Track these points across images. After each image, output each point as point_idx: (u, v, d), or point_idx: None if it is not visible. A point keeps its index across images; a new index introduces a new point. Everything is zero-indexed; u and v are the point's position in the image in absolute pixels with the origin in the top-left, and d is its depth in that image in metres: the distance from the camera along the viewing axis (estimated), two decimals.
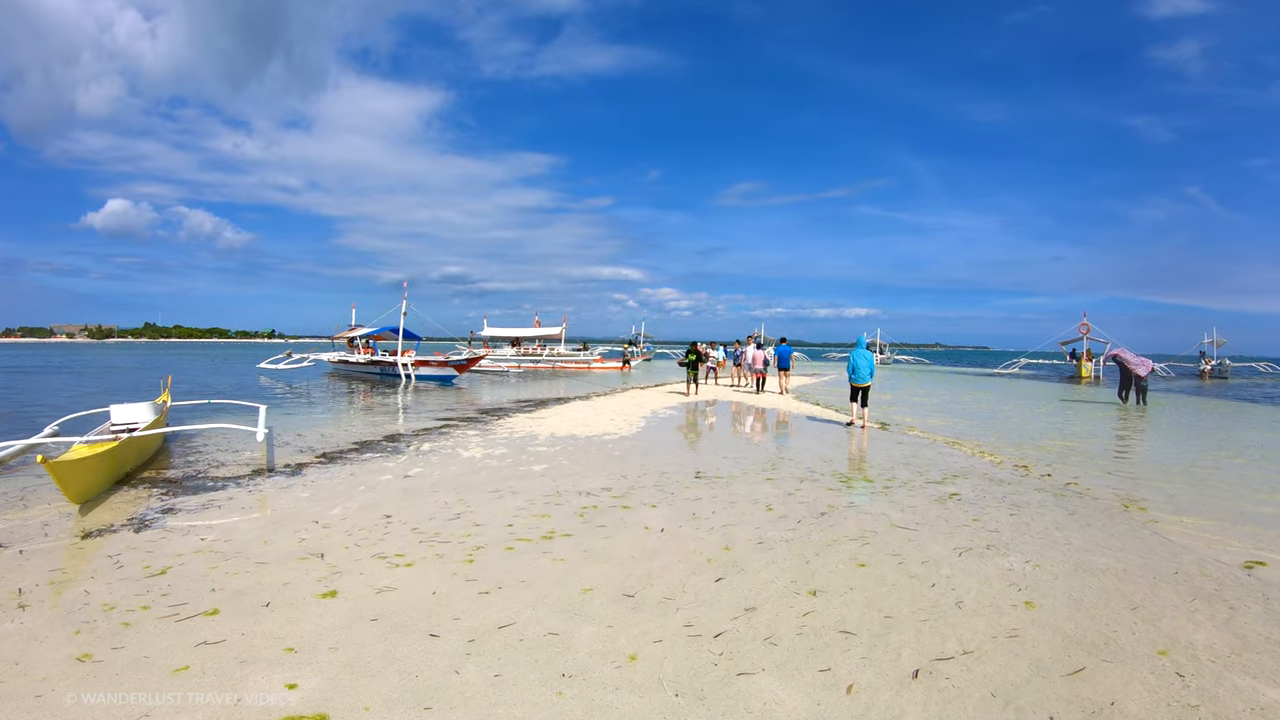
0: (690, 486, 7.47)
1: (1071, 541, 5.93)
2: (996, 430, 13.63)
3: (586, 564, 5.00)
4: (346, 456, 9.81)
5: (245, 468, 9.09)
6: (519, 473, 8.33)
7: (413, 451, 10.10)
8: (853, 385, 13.39)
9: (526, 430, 12.06)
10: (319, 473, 8.63)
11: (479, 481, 7.86)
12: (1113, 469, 9.42)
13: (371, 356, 32.28)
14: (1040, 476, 8.72)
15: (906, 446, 10.66)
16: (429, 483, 7.83)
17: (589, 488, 7.45)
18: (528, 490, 7.36)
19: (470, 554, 5.24)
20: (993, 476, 8.60)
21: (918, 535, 5.87)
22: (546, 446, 10.24)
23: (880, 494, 7.38)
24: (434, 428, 12.75)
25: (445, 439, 11.22)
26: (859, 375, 13.23)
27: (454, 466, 8.83)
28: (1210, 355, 45.71)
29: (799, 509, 6.59)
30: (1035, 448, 11.24)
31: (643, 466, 8.64)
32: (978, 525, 6.26)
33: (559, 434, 11.56)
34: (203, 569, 4.95)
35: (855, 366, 13.30)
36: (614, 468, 8.58)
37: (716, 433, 12.48)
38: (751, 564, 5.01)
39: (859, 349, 13.62)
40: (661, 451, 9.95)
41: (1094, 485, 8.26)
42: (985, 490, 7.76)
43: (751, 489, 7.42)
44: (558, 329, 40.48)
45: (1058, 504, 7.25)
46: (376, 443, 11.02)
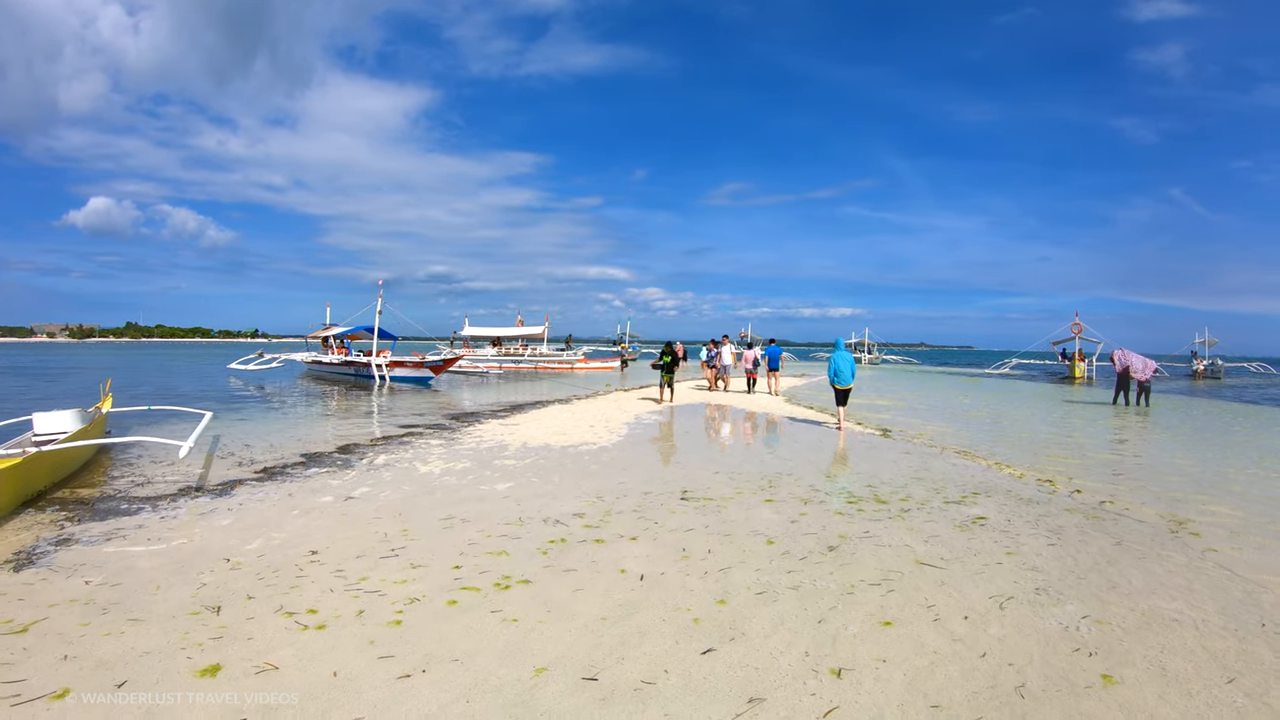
0: (676, 511, 6.41)
1: (1131, 581, 4.96)
2: (1004, 437, 12.71)
3: (545, 626, 3.93)
4: (289, 472, 8.69)
5: (172, 485, 7.98)
6: (479, 493, 7.24)
7: (364, 466, 8.98)
8: (836, 389, 13.03)
9: (496, 439, 10.95)
10: (251, 493, 7.52)
11: (431, 505, 6.77)
12: (1142, 482, 8.49)
13: (345, 357, 30.97)
14: (1070, 494, 7.76)
15: (915, 458, 9.67)
16: (373, 507, 6.72)
17: (559, 513, 6.38)
18: (486, 517, 6.28)
19: (399, 610, 4.16)
20: (1017, 494, 7.63)
21: (949, 576, 4.86)
22: (515, 459, 9.14)
23: (897, 518, 6.37)
24: (396, 436, 11.62)
25: (404, 450, 10.10)
26: (841, 378, 12.93)
27: (406, 485, 7.72)
28: (1202, 355, 45.37)
29: (805, 541, 5.56)
30: (1051, 457, 10.31)
31: (622, 484, 7.57)
32: (1016, 561, 5.26)
33: (531, 444, 10.46)
34: (72, 626, 3.95)
35: (838, 370, 12.99)
36: (589, 486, 7.50)
37: (705, 442, 11.43)
38: (753, 625, 3.96)
39: (839, 351, 13.25)
40: (644, 465, 8.89)
41: (1130, 503, 7.33)
42: (1013, 512, 6.79)
43: (748, 514, 6.37)
44: (540, 328, 39.27)
45: (1098, 529, 6.30)
46: (327, 455, 9.89)
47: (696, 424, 13.76)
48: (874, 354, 64.76)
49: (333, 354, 32.07)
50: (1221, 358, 48.28)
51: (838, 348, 13.44)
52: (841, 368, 12.99)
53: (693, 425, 13.54)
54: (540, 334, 39.32)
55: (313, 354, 34.26)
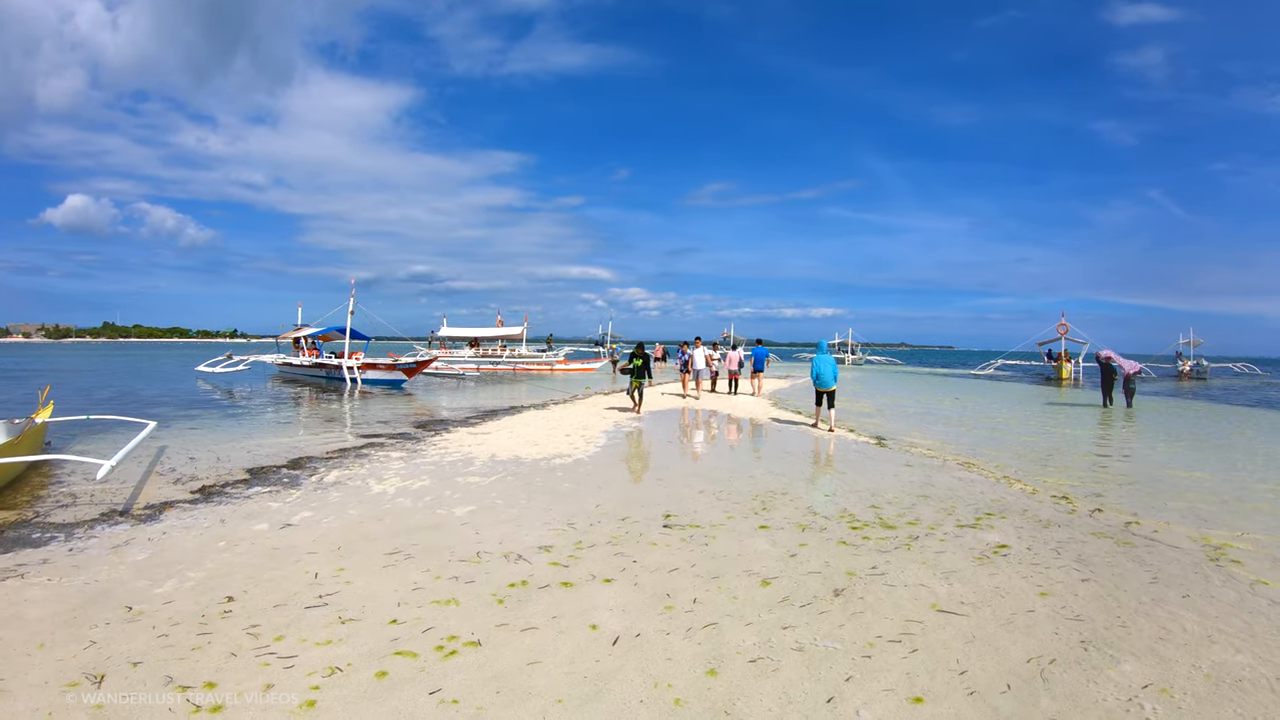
0: (658, 543, 5.61)
1: (1185, 628, 4.27)
2: (1005, 444, 12.06)
3: (492, 712, 3.13)
4: (228, 492, 7.80)
5: (96, 509, 7.13)
6: (434, 520, 6.39)
7: (312, 484, 8.10)
8: (818, 390, 13.24)
9: (463, 451, 10.09)
10: (179, 518, 6.64)
11: (377, 535, 5.92)
12: (1162, 498, 7.86)
13: (316, 358, 29.85)
14: (1090, 513, 7.09)
15: (917, 471, 8.95)
16: (310, 538, 5.86)
17: (523, 546, 5.55)
18: (439, 550, 5.44)
19: (315, 687, 3.33)
20: (1034, 514, 6.93)
21: (979, 627, 4.12)
22: (481, 476, 8.29)
23: (907, 548, 5.62)
24: (355, 448, 10.71)
25: (360, 464, 9.21)
26: (823, 381, 13.09)
27: (354, 509, 6.86)
28: (1187, 356, 45.43)
29: (808, 582, 4.78)
30: (1059, 469, 9.67)
31: (598, 507, 6.75)
32: (1052, 605, 4.53)
33: (501, 456, 9.61)
34: None
35: (819, 372, 13.15)
36: (560, 510, 6.68)
37: (690, 454, 10.62)
38: (750, 706, 3.18)
39: (822, 353, 13.41)
40: (623, 482, 8.08)
41: (1156, 523, 6.69)
42: (1034, 537, 6.08)
43: (740, 544, 5.59)
44: (519, 329, 38.21)
45: (1130, 558, 5.61)
46: (275, 471, 8.99)
47: (679, 433, 12.98)
48: (857, 355, 64.45)
49: (303, 355, 30.92)
50: (1205, 358, 48.43)
51: (820, 350, 13.53)
52: (824, 370, 13.10)
53: (675, 434, 12.76)
54: (519, 334, 38.28)
55: (281, 355, 33.06)
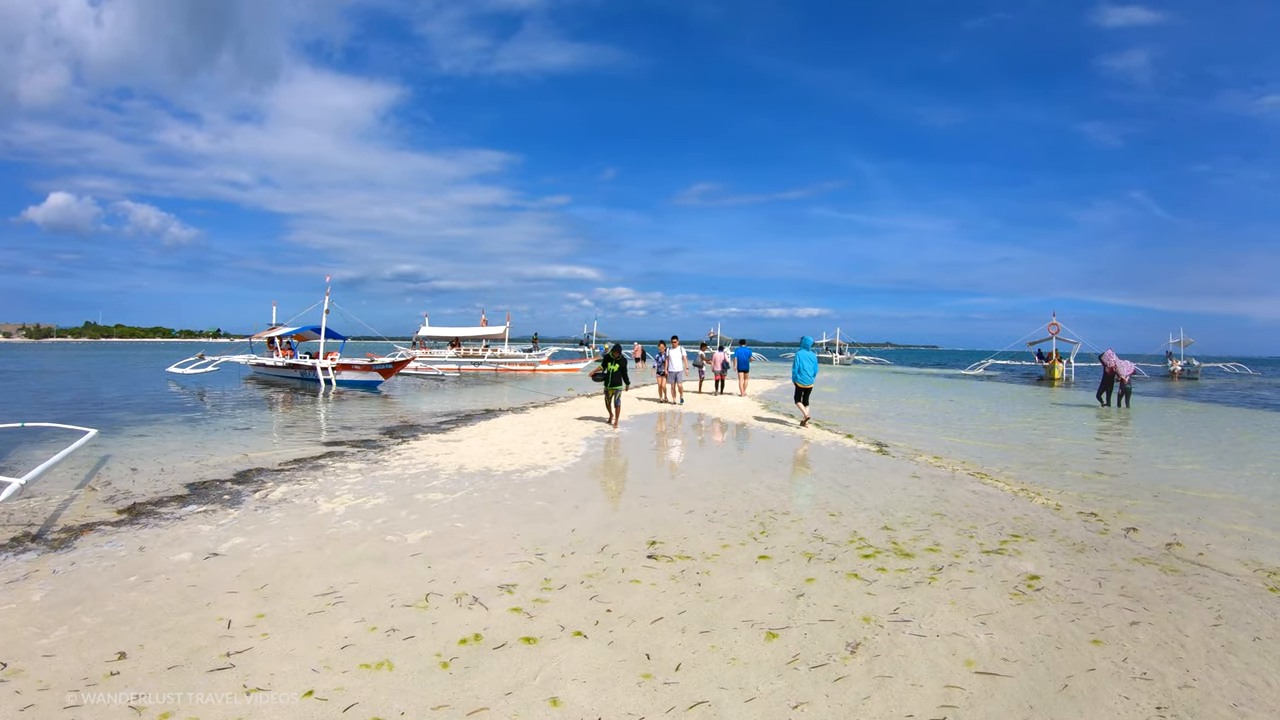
0: (641, 580, 4.75)
1: (1269, 683, 3.56)
2: (1013, 450, 11.34)
3: None
4: (159, 512, 6.90)
5: (7, 531, 6.24)
6: (382, 549, 5.52)
7: (255, 502, 7.20)
8: (798, 386, 13.41)
9: (429, 462, 9.19)
10: (96, 545, 5.76)
11: (313, 568, 5.04)
12: (1196, 512, 7.17)
13: (290, 359, 28.73)
14: (1124, 532, 6.35)
15: (926, 483, 8.17)
16: (235, 572, 4.98)
17: (481, 584, 4.69)
18: (380, 591, 4.57)
19: None
20: (1064, 535, 6.17)
21: (1035, 695, 3.33)
22: (444, 492, 7.39)
23: (930, 581, 4.82)
24: (312, 458, 9.79)
25: (313, 478, 8.30)
26: (804, 377, 13.27)
27: (293, 535, 5.97)
28: (1178, 356, 45.17)
29: (820, 634, 3.96)
30: (1076, 478, 8.95)
31: (573, 532, 5.89)
32: (1111, 656, 3.76)
33: (469, 468, 8.72)
34: None
35: (801, 368, 13.31)
36: (530, 534, 5.82)
37: (678, 464, 9.75)
38: None
39: (804, 350, 13.54)
40: (602, 500, 7.23)
41: (1199, 545, 5.99)
42: (1070, 565, 5.32)
43: (737, 582, 4.75)
44: (500, 328, 37.15)
45: (1184, 590, 4.87)
46: (217, 486, 8.08)
47: (665, 442, 12.14)
48: (845, 355, 63.93)
49: (277, 356, 29.78)
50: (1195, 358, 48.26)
51: (804, 346, 13.70)
52: (805, 366, 13.29)
53: (661, 443, 11.91)
54: (501, 334, 37.25)
55: (254, 356, 31.89)
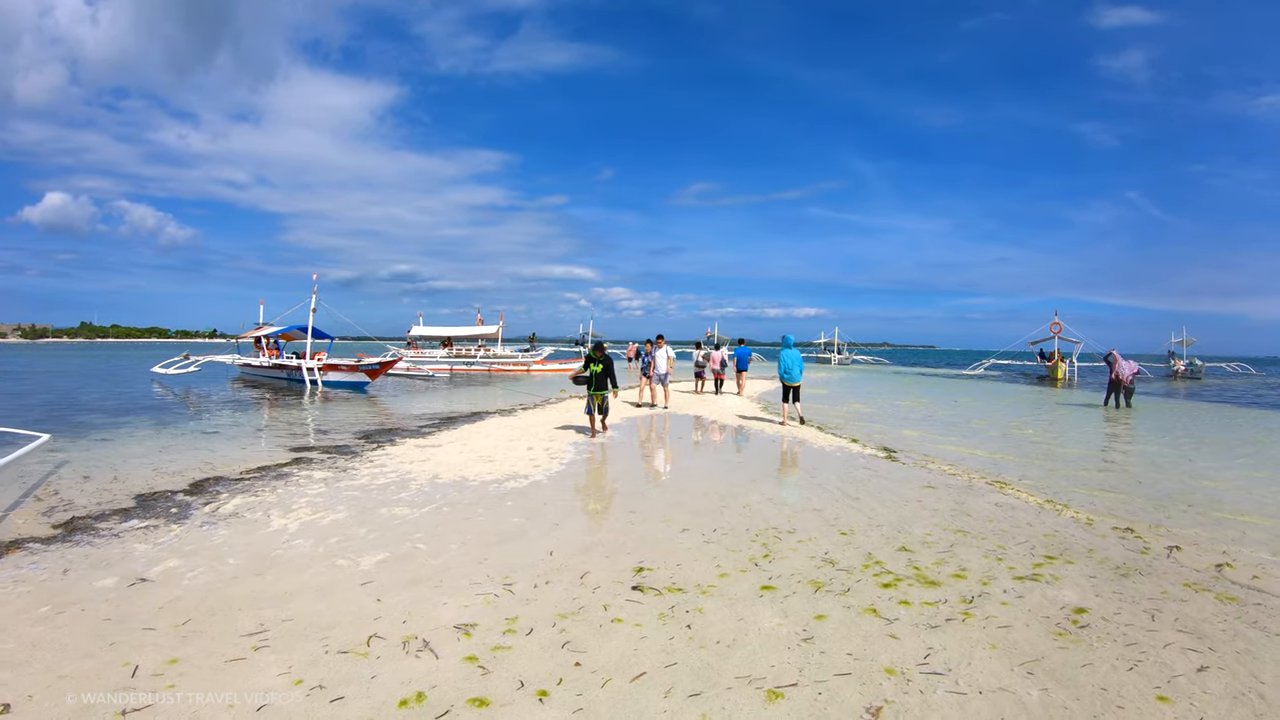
0: (623, 619, 4.03)
1: None
2: (1028, 456, 10.66)
3: None
4: (97, 527, 6.21)
5: None
6: (330, 576, 4.80)
7: (203, 517, 6.49)
8: (784, 385, 13.44)
9: (401, 470, 8.46)
10: (17, 566, 5.17)
11: (245, 601, 4.33)
12: (1239, 526, 6.50)
13: (275, 359, 27.98)
14: (1166, 551, 5.67)
15: (942, 494, 7.47)
16: (159, 603, 4.27)
17: (435, 625, 3.97)
18: (316, 633, 3.86)
19: None
20: (1102, 555, 5.49)
21: None
22: (411, 506, 6.66)
23: (962, 618, 4.12)
24: (277, 465, 9.06)
25: (273, 489, 7.58)
26: (791, 375, 13.30)
27: (235, 556, 5.26)
28: (1180, 355, 44.60)
29: (834, 692, 3.25)
30: (1101, 487, 8.29)
31: (550, 555, 5.16)
32: (1181, 717, 3.06)
33: (444, 477, 7.99)
34: None
35: (787, 368, 13.31)
36: (501, 558, 5.09)
37: (671, 473, 9.02)
38: None
39: (788, 349, 13.47)
40: (587, 515, 6.50)
41: (1252, 566, 5.33)
42: (1116, 593, 4.63)
43: (736, 619, 4.04)
44: (494, 328, 36.35)
45: (1245, 621, 4.24)
46: (168, 496, 7.37)
47: (658, 447, 11.42)
48: (843, 354, 63.28)
49: (263, 356, 29.02)
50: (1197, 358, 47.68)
51: (786, 345, 13.67)
52: (790, 365, 13.27)
53: (653, 449, 11.18)
54: (494, 333, 36.45)
55: (238, 356, 31.12)
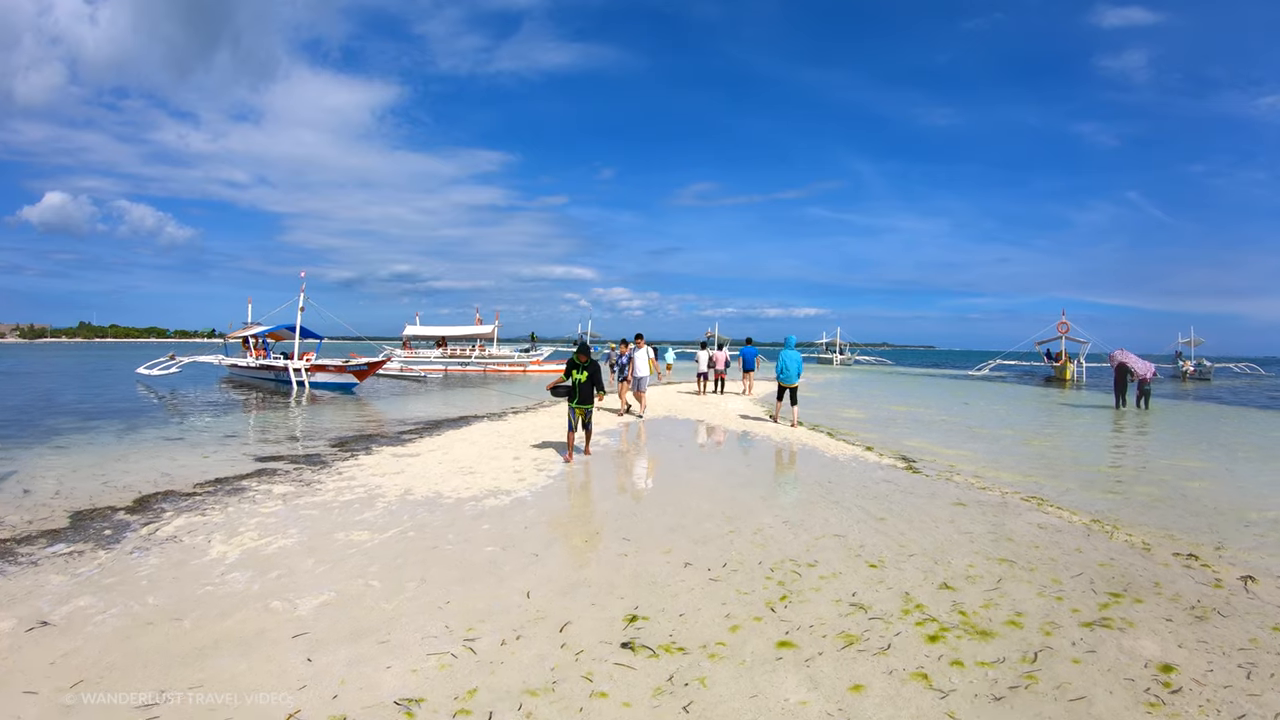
0: (609, 694, 3.14)
1: None
2: (1053, 465, 9.86)
3: None
4: (17, 552, 5.50)
5: None
6: (260, 622, 3.97)
7: (137, 541, 5.68)
8: (780, 385, 13.35)
9: (370, 484, 7.62)
10: None
11: (151, 655, 3.50)
12: None
13: (263, 359, 27.13)
14: (1241, 582, 4.88)
15: (975, 513, 6.64)
16: (52, 654, 3.46)
17: (369, 700, 3.12)
18: (221, 711, 3.03)
19: None
20: (1171, 590, 4.68)
21: None
22: (372, 530, 5.81)
23: (1028, 684, 3.30)
24: (235, 477, 8.23)
25: (223, 506, 6.75)
26: (787, 376, 13.18)
27: (156, 594, 4.43)
28: (1188, 356, 43.80)
29: None
30: (1146, 500, 7.50)
31: (526, 600, 4.30)
32: None
33: (416, 493, 7.15)
34: None
35: (784, 367, 13.23)
36: (465, 604, 4.24)
37: (669, 489, 8.08)
38: None
39: (788, 349, 13.47)
40: (572, 544, 5.63)
41: None
42: (1200, 643, 3.84)
43: (752, 693, 3.17)
44: (489, 328, 35.44)
45: None
46: (106, 515, 6.57)
47: (655, 456, 10.56)
48: (846, 355, 62.45)
49: (250, 356, 28.17)
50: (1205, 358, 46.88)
51: (788, 346, 13.63)
52: (789, 365, 13.18)
53: (650, 459, 10.32)
54: (490, 333, 35.56)
55: (221, 355, 30.27)
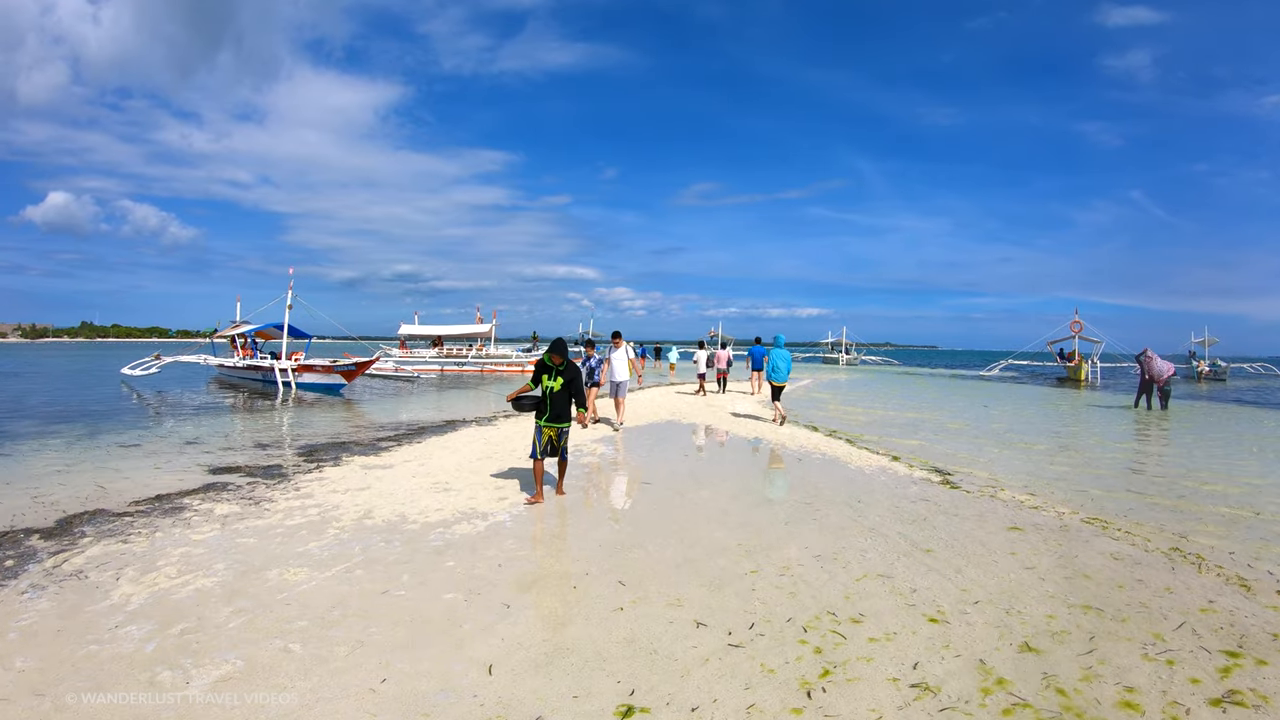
0: None
1: None
2: (1101, 474, 8.85)
3: None
4: None
5: None
6: (135, 703, 2.98)
7: (37, 574, 4.74)
8: (772, 385, 13.39)
9: (327, 504, 6.58)
10: None
11: None
12: None
13: (249, 359, 26.15)
14: None
15: (1034, 539, 5.61)
16: None
17: None
18: None
19: None
20: None
21: None
22: (313, 568, 4.78)
23: None
24: (178, 493, 7.22)
25: (149, 531, 5.74)
26: (778, 374, 13.16)
27: (28, 652, 3.47)
28: (1202, 356, 42.69)
29: None
30: (1221, 525, 6.44)
31: (486, 679, 3.24)
32: None
33: (378, 515, 6.12)
34: None
35: (775, 366, 13.17)
36: (402, 685, 3.18)
37: (674, 510, 6.58)
38: None
39: (777, 348, 13.42)
40: (553, 593, 4.52)
41: None
42: None
43: None
44: (486, 326, 34.38)
45: None
46: (18, 539, 5.68)
47: (656, 468, 9.54)
48: (852, 355, 61.33)
49: (237, 355, 27.19)
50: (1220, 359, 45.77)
51: (777, 344, 13.53)
52: (779, 364, 13.10)
53: (651, 472, 9.25)
54: (487, 332, 34.49)
55: (202, 355, 29.26)
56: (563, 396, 6.71)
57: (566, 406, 6.77)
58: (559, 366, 6.71)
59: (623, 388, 12.71)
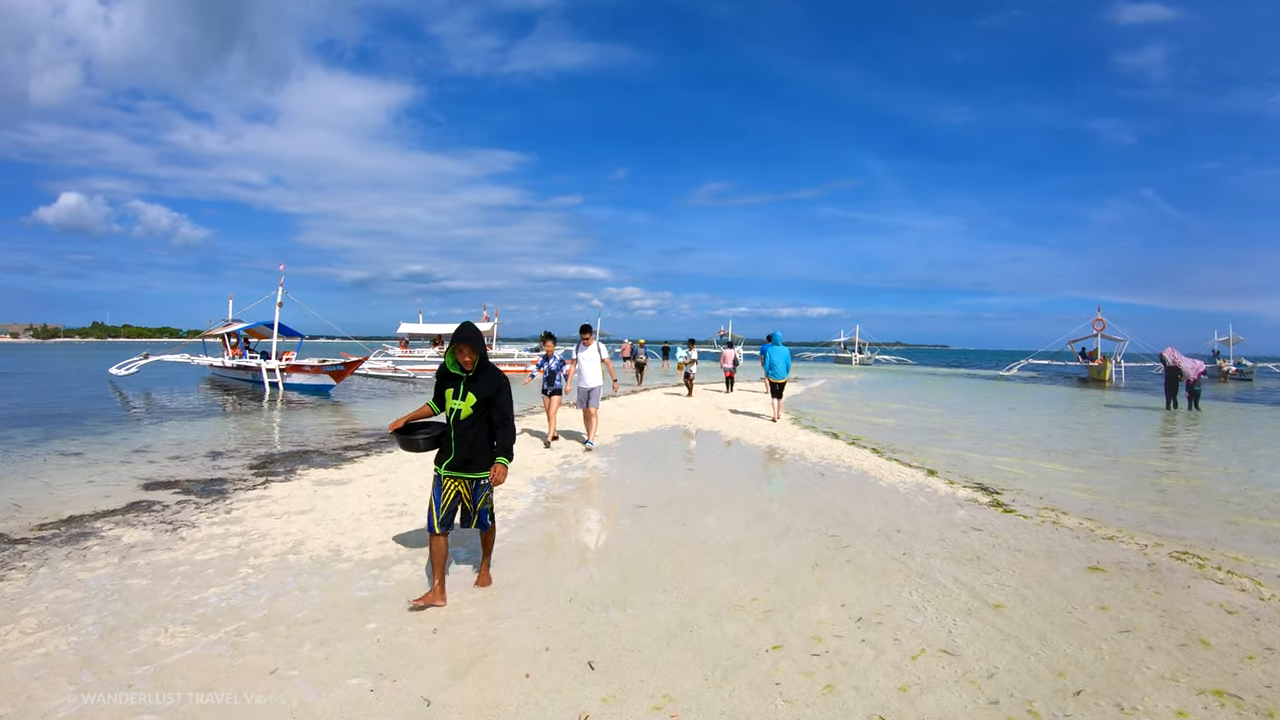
0: None
1: None
2: (1166, 491, 7.67)
3: None
4: None
5: None
6: None
7: None
8: (771, 382, 13.23)
9: (256, 530, 5.49)
10: None
11: None
12: None
13: (239, 359, 25.21)
14: None
15: (1121, 583, 4.45)
16: None
17: None
18: None
19: None
20: None
21: None
22: (194, 628, 3.65)
23: None
24: (92, 515, 6.15)
25: (35, 564, 4.68)
26: (776, 372, 13.03)
27: None
28: (1225, 355, 41.15)
29: None
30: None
31: None
32: None
33: (307, 549, 5.01)
34: None
35: (773, 364, 13.04)
36: None
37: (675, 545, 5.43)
38: None
39: (775, 346, 13.22)
40: (485, 687, 3.40)
41: None
42: None
43: None
44: (487, 326, 33.25)
45: None
46: None
47: (653, 480, 8.42)
48: (865, 354, 60.00)
49: (227, 355, 26.26)
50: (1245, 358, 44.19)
51: (775, 342, 13.34)
52: (776, 361, 13.00)
53: (646, 485, 8.20)
54: (488, 331, 33.37)
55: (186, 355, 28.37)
56: (477, 427, 4.00)
57: (485, 443, 4.03)
58: (470, 373, 3.98)
59: (595, 396, 10.20)
